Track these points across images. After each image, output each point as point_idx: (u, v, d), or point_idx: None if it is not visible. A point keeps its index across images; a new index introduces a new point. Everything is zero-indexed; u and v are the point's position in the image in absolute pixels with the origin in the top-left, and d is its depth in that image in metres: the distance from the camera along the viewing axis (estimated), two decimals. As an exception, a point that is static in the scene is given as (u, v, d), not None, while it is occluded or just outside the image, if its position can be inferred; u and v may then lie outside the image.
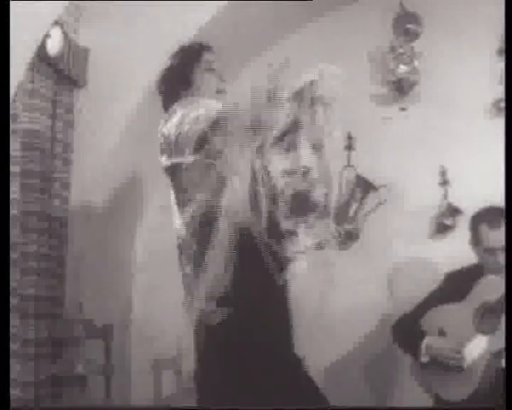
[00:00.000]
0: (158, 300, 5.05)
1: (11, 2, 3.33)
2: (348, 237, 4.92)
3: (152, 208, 5.17)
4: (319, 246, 3.00)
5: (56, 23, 4.22)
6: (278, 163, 2.92)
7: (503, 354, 3.76)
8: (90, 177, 4.62)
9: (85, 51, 4.61)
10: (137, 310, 5.13)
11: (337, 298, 4.81)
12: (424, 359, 4.06)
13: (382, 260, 4.85)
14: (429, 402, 4.17)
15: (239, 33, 4.79)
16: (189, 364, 3.93)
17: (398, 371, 4.74)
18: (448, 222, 4.80)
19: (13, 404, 3.69)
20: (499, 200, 4.07)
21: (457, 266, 4.30)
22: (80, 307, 4.55)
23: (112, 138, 4.66)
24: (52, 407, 4.28)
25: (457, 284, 4.15)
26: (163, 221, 5.08)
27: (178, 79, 3.25)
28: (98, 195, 4.68)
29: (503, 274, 4.00)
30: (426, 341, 4.07)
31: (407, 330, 4.24)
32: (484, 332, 3.92)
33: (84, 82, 4.64)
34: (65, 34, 4.35)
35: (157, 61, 4.54)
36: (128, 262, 5.13)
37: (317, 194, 2.93)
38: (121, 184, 4.82)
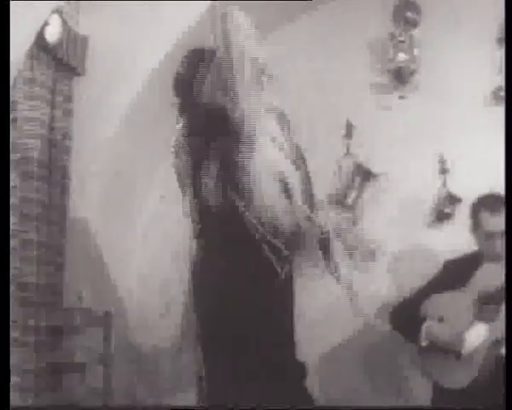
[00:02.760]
0: (156, 287, 5.07)
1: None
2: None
3: (151, 197, 5.17)
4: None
5: (55, 11, 4.21)
6: None
7: (503, 342, 3.78)
8: (90, 165, 4.61)
9: (85, 39, 4.59)
10: (136, 298, 5.13)
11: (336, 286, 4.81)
12: (424, 343, 4.07)
13: (381, 249, 4.85)
14: (428, 390, 4.18)
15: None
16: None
17: (398, 359, 4.74)
18: (447, 210, 4.80)
19: (12, 391, 3.72)
20: (498, 188, 4.10)
21: (457, 254, 4.32)
22: (80, 296, 4.56)
23: (111, 127, 4.66)
24: (52, 406, 4.30)
25: (457, 272, 4.16)
26: (162, 210, 5.15)
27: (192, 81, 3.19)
28: (97, 183, 4.68)
29: (503, 262, 4.02)
30: (426, 325, 4.08)
31: (406, 316, 4.25)
32: (483, 320, 3.93)
33: (84, 70, 4.62)
34: (64, 22, 4.34)
35: (157, 49, 4.60)
36: (127, 251, 5.12)
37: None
38: (120, 172, 4.81)
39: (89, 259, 4.67)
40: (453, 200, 4.78)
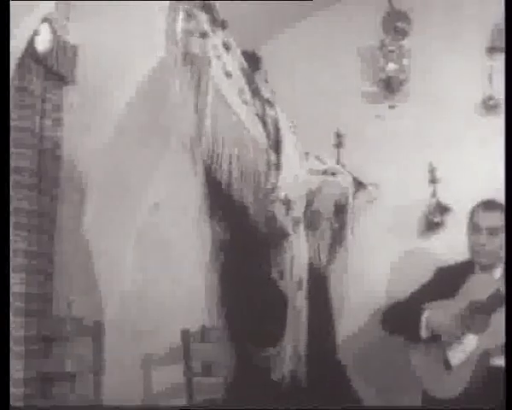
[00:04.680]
0: (150, 297, 5.06)
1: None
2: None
3: (144, 205, 5.17)
4: None
5: (45, 20, 4.21)
6: None
7: (493, 353, 3.80)
8: (80, 174, 4.61)
9: (75, 48, 4.58)
10: (129, 308, 5.12)
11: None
12: (425, 334, 4.05)
13: (372, 258, 4.86)
14: (418, 400, 4.19)
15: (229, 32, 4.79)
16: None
17: (390, 366, 4.74)
18: (437, 219, 4.82)
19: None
20: (488, 197, 4.13)
21: (448, 262, 4.34)
22: (70, 304, 4.55)
23: (101, 136, 4.65)
24: (52, 406, 4.29)
25: (447, 280, 4.17)
26: (156, 218, 5.14)
27: None
28: (88, 193, 4.67)
29: (494, 270, 4.05)
30: (425, 315, 4.07)
31: (397, 319, 4.25)
32: (474, 331, 3.93)
33: (74, 79, 4.61)
34: (54, 31, 4.33)
35: (148, 58, 4.59)
36: (119, 260, 5.12)
37: None
38: (112, 181, 4.80)
39: (80, 267, 4.66)
40: (443, 209, 4.80)
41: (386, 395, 4.80)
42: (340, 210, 3.42)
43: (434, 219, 4.82)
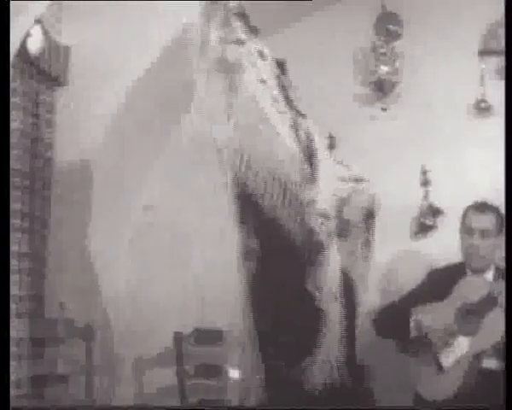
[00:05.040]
0: (144, 299, 5.05)
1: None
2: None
3: (138, 207, 5.16)
4: None
5: (37, 21, 4.20)
6: None
7: (484, 355, 3.81)
8: (72, 176, 4.60)
9: (66, 50, 4.58)
10: (122, 309, 5.11)
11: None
12: (413, 333, 4.05)
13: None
14: (409, 401, 4.20)
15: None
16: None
17: (382, 368, 4.75)
18: (429, 222, 4.82)
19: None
20: (480, 199, 4.14)
21: (441, 265, 4.35)
22: (61, 306, 4.53)
23: (95, 137, 4.64)
24: (52, 406, 4.28)
25: (440, 282, 4.18)
26: (150, 220, 5.13)
27: None
28: (80, 194, 4.66)
29: (485, 274, 4.07)
30: (414, 318, 4.06)
31: (389, 321, 4.26)
32: (465, 333, 3.94)
33: (66, 81, 4.61)
34: (46, 32, 4.33)
35: (140, 60, 4.59)
36: (112, 261, 5.11)
37: None
38: (105, 183, 4.79)
39: (72, 269, 4.65)
40: (435, 212, 4.81)
41: (378, 396, 4.81)
42: (369, 217, 3.40)
43: (427, 221, 4.83)
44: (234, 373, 4.55)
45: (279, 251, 3.02)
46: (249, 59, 2.93)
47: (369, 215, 3.47)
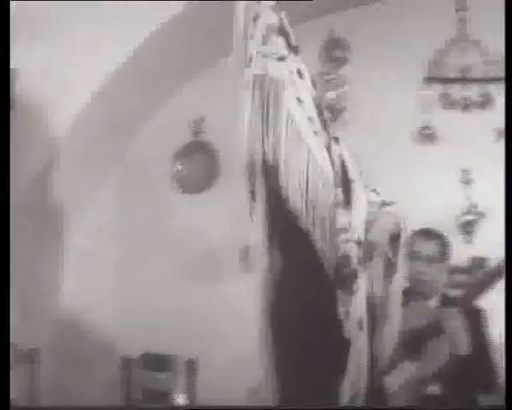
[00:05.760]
0: (88, 324, 5.02)
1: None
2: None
3: (83, 232, 5.13)
4: None
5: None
6: None
7: (429, 381, 3.84)
8: (19, 201, 4.55)
9: (13, 72, 4.54)
10: (66, 335, 5.07)
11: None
12: None
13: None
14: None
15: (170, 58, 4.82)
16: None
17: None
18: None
19: None
20: (429, 224, 4.18)
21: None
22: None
23: (40, 162, 4.61)
24: (52, 406, 4.22)
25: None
26: (92, 246, 5.10)
27: None
28: (26, 220, 4.61)
29: (431, 301, 4.10)
30: None
31: None
32: (409, 358, 3.96)
33: (13, 103, 4.56)
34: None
35: (89, 83, 4.57)
36: (55, 286, 5.07)
37: None
38: (50, 208, 4.76)
39: (15, 294, 4.60)
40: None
41: None
42: (394, 239, 3.37)
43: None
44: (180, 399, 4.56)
45: (310, 275, 2.99)
46: (290, 77, 2.91)
47: (394, 238, 3.45)
